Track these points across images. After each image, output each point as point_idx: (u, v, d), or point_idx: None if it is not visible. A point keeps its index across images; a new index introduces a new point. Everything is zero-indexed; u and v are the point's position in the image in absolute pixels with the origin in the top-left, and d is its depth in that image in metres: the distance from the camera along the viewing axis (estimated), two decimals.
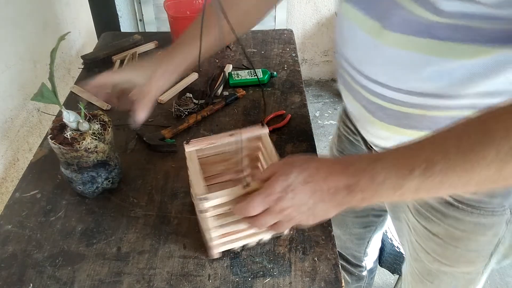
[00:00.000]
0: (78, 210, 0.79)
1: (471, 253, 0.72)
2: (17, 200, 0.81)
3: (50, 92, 0.66)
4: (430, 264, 0.78)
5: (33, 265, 0.70)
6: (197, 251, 0.71)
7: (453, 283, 0.79)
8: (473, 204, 0.66)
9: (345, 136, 0.92)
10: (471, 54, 0.49)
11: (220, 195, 0.61)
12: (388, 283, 1.64)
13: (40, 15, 1.18)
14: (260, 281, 0.67)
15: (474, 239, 0.70)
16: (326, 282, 0.67)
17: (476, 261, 0.74)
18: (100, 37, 1.35)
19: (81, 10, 1.48)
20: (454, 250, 0.73)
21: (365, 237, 1.07)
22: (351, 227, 1.04)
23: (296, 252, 0.71)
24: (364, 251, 1.12)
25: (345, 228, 1.06)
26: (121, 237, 0.74)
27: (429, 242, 0.75)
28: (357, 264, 1.16)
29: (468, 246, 0.71)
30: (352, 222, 1.03)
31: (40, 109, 1.15)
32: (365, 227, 1.04)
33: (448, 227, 0.70)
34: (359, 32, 0.59)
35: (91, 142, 0.71)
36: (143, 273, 0.68)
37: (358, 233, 1.06)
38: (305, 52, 2.66)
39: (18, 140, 1.06)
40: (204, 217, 0.62)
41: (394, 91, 0.58)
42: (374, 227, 1.04)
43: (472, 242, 0.71)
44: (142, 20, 2.35)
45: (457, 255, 0.73)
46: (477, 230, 0.68)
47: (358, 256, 1.14)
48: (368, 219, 1.01)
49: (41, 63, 1.17)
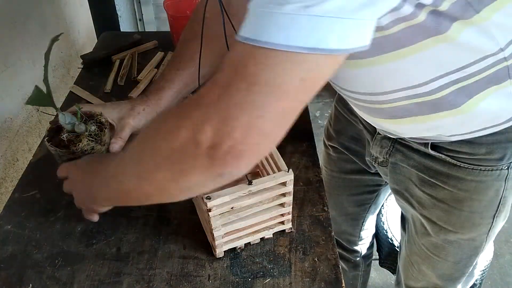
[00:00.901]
0: (78, 210, 0.78)
1: (475, 215, 0.75)
2: (16, 200, 0.80)
3: (45, 94, 0.66)
4: (436, 235, 0.80)
5: (32, 266, 0.70)
6: (197, 251, 0.71)
7: (459, 253, 0.82)
8: (475, 163, 0.69)
9: (343, 116, 0.93)
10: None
11: (224, 193, 0.61)
12: (388, 283, 1.63)
13: (39, 14, 1.18)
14: (260, 282, 0.67)
15: (476, 199, 0.73)
16: (326, 283, 0.66)
17: (481, 224, 0.76)
18: (100, 37, 1.35)
19: (81, 10, 1.48)
20: (459, 214, 0.75)
21: (359, 218, 1.10)
22: (346, 205, 1.07)
23: (296, 252, 0.71)
24: (359, 234, 1.14)
25: (340, 208, 1.08)
26: (121, 237, 0.74)
27: (435, 209, 0.77)
28: (352, 249, 1.18)
29: (471, 208, 0.74)
30: (347, 201, 1.06)
31: (40, 109, 1.15)
32: (359, 206, 1.06)
33: (452, 189, 0.73)
34: None
35: (87, 144, 0.70)
36: (143, 274, 0.68)
37: (353, 212, 1.08)
38: None
39: (18, 140, 1.06)
40: (208, 217, 0.63)
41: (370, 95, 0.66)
42: (368, 205, 1.06)
43: (475, 203, 0.73)
44: (141, 20, 2.34)
45: (462, 219, 0.76)
46: (479, 190, 0.71)
47: (353, 240, 1.16)
48: (363, 196, 1.04)
49: (40, 63, 1.16)
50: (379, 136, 0.81)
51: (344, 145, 0.96)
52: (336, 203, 1.07)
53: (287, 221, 0.72)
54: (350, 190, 1.04)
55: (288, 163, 0.79)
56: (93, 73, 1.15)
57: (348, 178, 1.01)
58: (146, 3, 2.27)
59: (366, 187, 1.02)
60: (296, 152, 0.89)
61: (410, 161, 0.77)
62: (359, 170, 0.97)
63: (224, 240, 0.68)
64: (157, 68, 1.16)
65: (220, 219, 0.64)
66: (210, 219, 0.63)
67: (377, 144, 0.82)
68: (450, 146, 0.70)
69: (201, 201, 0.63)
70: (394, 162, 0.80)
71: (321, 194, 0.81)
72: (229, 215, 0.65)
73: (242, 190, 0.63)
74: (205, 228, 0.73)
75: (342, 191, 1.05)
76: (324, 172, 1.06)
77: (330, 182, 1.05)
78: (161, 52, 1.22)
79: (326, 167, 1.05)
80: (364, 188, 1.03)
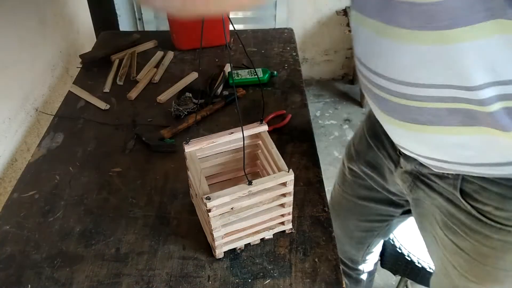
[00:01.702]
0: (77, 210, 0.78)
1: (500, 271, 0.69)
2: (15, 201, 0.80)
3: None
4: (457, 279, 0.75)
5: (31, 266, 0.69)
6: (196, 252, 0.71)
7: None
8: (502, 221, 0.63)
9: (366, 139, 0.87)
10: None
11: (224, 194, 0.61)
12: (389, 284, 1.63)
13: (38, 14, 1.17)
14: (260, 282, 0.66)
15: (502, 258, 0.67)
16: (327, 283, 0.66)
17: (505, 280, 0.70)
18: (99, 36, 1.35)
19: (80, 9, 1.48)
20: (481, 268, 0.70)
21: (365, 242, 1.05)
22: (353, 229, 1.02)
23: (297, 253, 0.71)
24: (363, 255, 1.09)
25: (346, 230, 1.03)
26: (120, 238, 0.73)
27: (456, 256, 0.72)
28: (354, 267, 1.14)
29: (496, 264, 0.68)
30: (355, 225, 1.01)
31: (38, 109, 1.14)
32: (366, 231, 1.02)
33: (475, 242, 0.67)
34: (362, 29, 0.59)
35: None
36: (142, 274, 0.68)
37: (358, 236, 1.04)
38: (305, 51, 2.65)
39: (16, 140, 1.05)
40: (208, 217, 0.62)
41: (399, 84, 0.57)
42: (376, 232, 1.02)
43: (500, 261, 0.67)
44: (141, 19, 2.34)
45: (485, 273, 0.70)
46: (506, 250, 0.66)
47: (355, 260, 1.12)
48: (372, 224, 0.99)
49: (39, 63, 1.16)
50: (400, 170, 0.76)
51: (362, 170, 0.90)
52: (343, 225, 1.03)
53: (288, 221, 0.72)
54: (360, 215, 0.98)
55: (288, 163, 0.79)
56: (92, 72, 1.15)
57: (360, 204, 0.95)
58: None
59: (378, 216, 0.96)
60: (296, 153, 0.89)
61: (434, 201, 0.72)
62: (373, 198, 0.92)
63: (224, 240, 0.68)
64: (156, 67, 1.15)
65: (220, 219, 0.64)
66: (210, 219, 0.63)
67: (398, 177, 0.77)
68: (476, 195, 0.63)
69: (201, 201, 0.62)
70: (417, 198, 0.76)
71: (321, 195, 0.80)
72: (229, 215, 0.65)
73: (242, 190, 0.62)
74: (204, 229, 0.72)
75: (352, 215, 1.00)
76: (337, 191, 1.01)
77: (341, 203, 1.00)
78: (161, 51, 1.21)
79: (339, 186, 1.00)
80: (375, 216, 0.97)
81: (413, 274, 1.10)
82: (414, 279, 1.12)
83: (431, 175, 0.71)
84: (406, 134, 0.64)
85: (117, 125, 0.97)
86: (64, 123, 0.98)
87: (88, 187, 0.83)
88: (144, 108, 1.02)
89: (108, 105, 1.02)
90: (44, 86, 1.17)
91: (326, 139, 2.35)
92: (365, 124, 0.89)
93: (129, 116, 1.00)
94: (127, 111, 1.02)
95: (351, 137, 0.96)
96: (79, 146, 0.92)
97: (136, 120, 0.98)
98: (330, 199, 1.04)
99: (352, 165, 0.92)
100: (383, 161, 0.82)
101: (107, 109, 1.02)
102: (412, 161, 0.72)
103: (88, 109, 1.03)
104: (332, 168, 2.15)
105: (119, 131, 0.96)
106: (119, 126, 0.97)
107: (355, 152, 0.91)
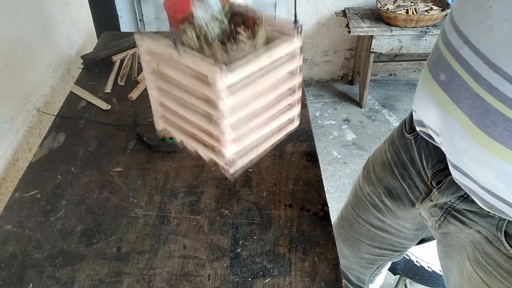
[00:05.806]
0: (78, 210, 0.79)
1: None
2: (17, 200, 0.81)
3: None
4: None
5: (33, 265, 0.70)
6: (197, 251, 0.71)
7: None
8: None
9: (391, 167, 0.78)
10: None
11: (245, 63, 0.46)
12: (388, 283, 1.64)
13: (39, 15, 1.18)
14: (260, 281, 0.67)
15: None
16: (326, 282, 0.67)
17: None
18: (100, 37, 1.35)
19: (81, 10, 1.48)
20: None
21: (375, 264, 0.98)
22: (364, 251, 0.96)
23: (296, 252, 0.71)
24: (371, 275, 1.02)
25: (356, 250, 0.96)
26: (121, 237, 0.74)
27: None
28: (360, 285, 1.07)
29: None
30: (366, 249, 0.94)
31: (40, 109, 1.15)
32: (378, 256, 0.95)
33: (510, 286, 0.59)
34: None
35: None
36: (143, 273, 0.68)
37: (369, 258, 0.97)
38: (305, 52, 2.66)
39: (18, 140, 1.06)
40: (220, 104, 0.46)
41: None
42: (388, 258, 0.95)
43: None
44: (142, 20, 2.35)
45: None
46: None
47: (362, 279, 1.04)
48: (384, 251, 0.92)
49: (40, 63, 1.17)
50: (429, 203, 0.69)
51: (381, 199, 0.82)
52: (353, 246, 0.96)
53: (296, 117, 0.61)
54: (373, 242, 0.91)
55: (288, 163, 0.80)
56: (94, 73, 1.16)
57: (374, 232, 0.89)
58: (146, 3, 2.27)
59: (391, 246, 0.90)
60: (296, 152, 0.90)
61: (469, 236, 0.64)
62: (387, 230, 0.86)
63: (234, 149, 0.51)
64: None
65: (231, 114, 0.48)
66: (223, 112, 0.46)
67: (426, 210, 0.71)
68: None
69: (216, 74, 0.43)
70: (446, 232, 0.69)
71: (321, 194, 0.81)
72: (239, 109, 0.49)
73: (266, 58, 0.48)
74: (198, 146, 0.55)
75: (364, 239, 0.92)
76: (349, 212, 0.93)
77: (353, 226, 0.93)
78: None
79: (352, 208, 0.92)
80: (388, 246, 0.90)
81: (412, 273, 1.11)
82: (413, 278, 1.12)
83: (469, 211, 0.64)
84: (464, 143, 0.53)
85: (118, 125, 0.98)
86: (66, 123, 0.99)
87: (89, 186, 0.83)
88: (145, 108, 1.03)
89: (109, 105, 1.03)
90: (45, 86, 1.18)
91: (326, 139, 2.36)
92: (387, 149, 0.80)
93: (130, 116, 1.01)
94: (128, 111, 1.02)
95: (370, 158, 0.88)
96: (81, 146, 0.93)
97: (137, 120, 0.99)
98: (339, 217, 0.99)
99: (371, 190, 0.85)
100: (406, 191, 0.76)
101: (108, 109, 1.02)
102: (449, 195, 0.65)
103: (89, 109, 1.03)
104: (331, 168, 2.16)
105: (120, 131, 0.96)
106: (120, 126, 0.97)
107: (375, 177, 0.83)
